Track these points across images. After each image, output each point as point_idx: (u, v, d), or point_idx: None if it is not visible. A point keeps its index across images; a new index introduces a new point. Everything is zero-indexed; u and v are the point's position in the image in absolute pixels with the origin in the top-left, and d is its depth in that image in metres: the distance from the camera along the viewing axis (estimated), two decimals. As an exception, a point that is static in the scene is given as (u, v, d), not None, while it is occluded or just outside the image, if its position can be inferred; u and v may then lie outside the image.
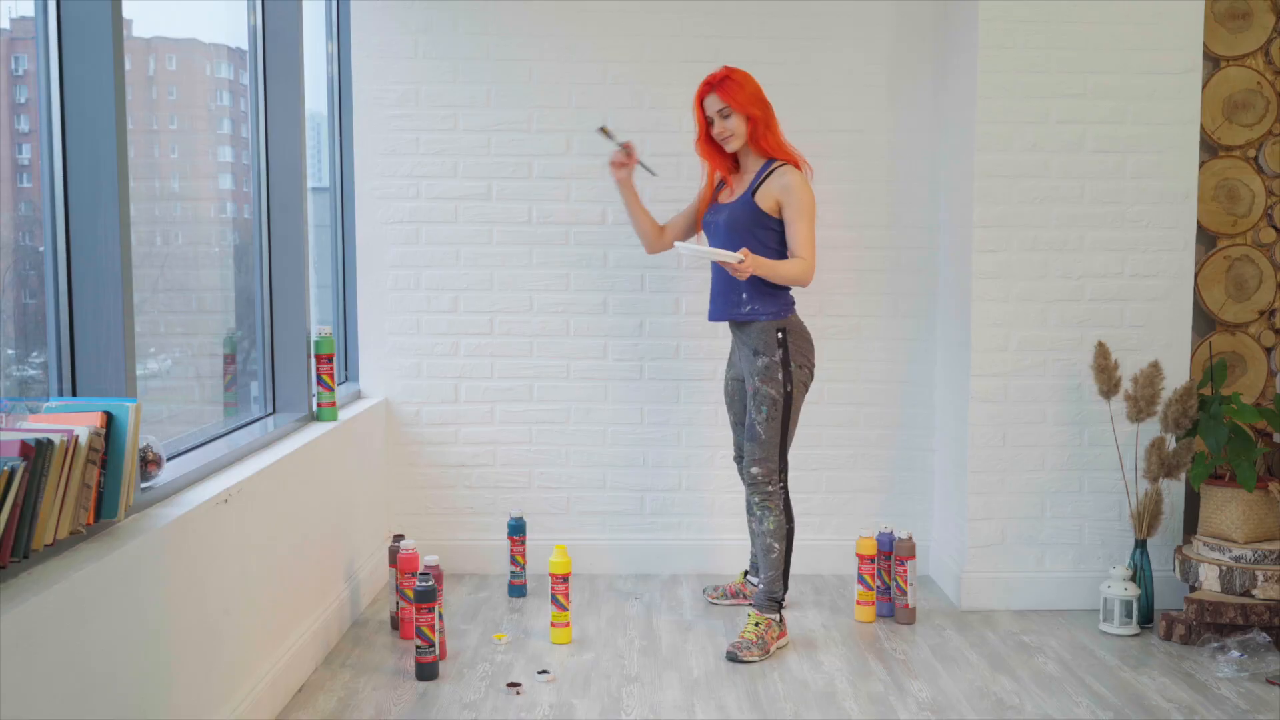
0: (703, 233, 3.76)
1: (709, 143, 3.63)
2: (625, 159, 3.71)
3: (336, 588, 3.60)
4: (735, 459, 3.86)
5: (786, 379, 3.50)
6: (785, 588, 3.54)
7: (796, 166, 3.54)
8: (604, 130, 3.73)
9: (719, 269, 3.59)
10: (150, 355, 3.03)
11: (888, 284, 4.27)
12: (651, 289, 4.26)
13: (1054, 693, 3.18)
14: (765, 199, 3.51)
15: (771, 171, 3.52)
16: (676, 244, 3.49)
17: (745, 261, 3.36)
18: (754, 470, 3.52)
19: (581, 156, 4.22)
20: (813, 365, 3.60)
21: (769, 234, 3.52)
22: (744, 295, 3.53)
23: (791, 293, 3.60)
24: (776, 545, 3.50)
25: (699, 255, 3.48)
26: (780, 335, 3.52)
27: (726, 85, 3.52)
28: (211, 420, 3.40)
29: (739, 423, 3.77)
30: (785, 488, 3.54)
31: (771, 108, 3.57)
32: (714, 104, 3.54)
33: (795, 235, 3.49)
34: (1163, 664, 3.42)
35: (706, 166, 3.72)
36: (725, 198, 3.66)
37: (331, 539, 3.56)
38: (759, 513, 3.52)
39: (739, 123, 3.53)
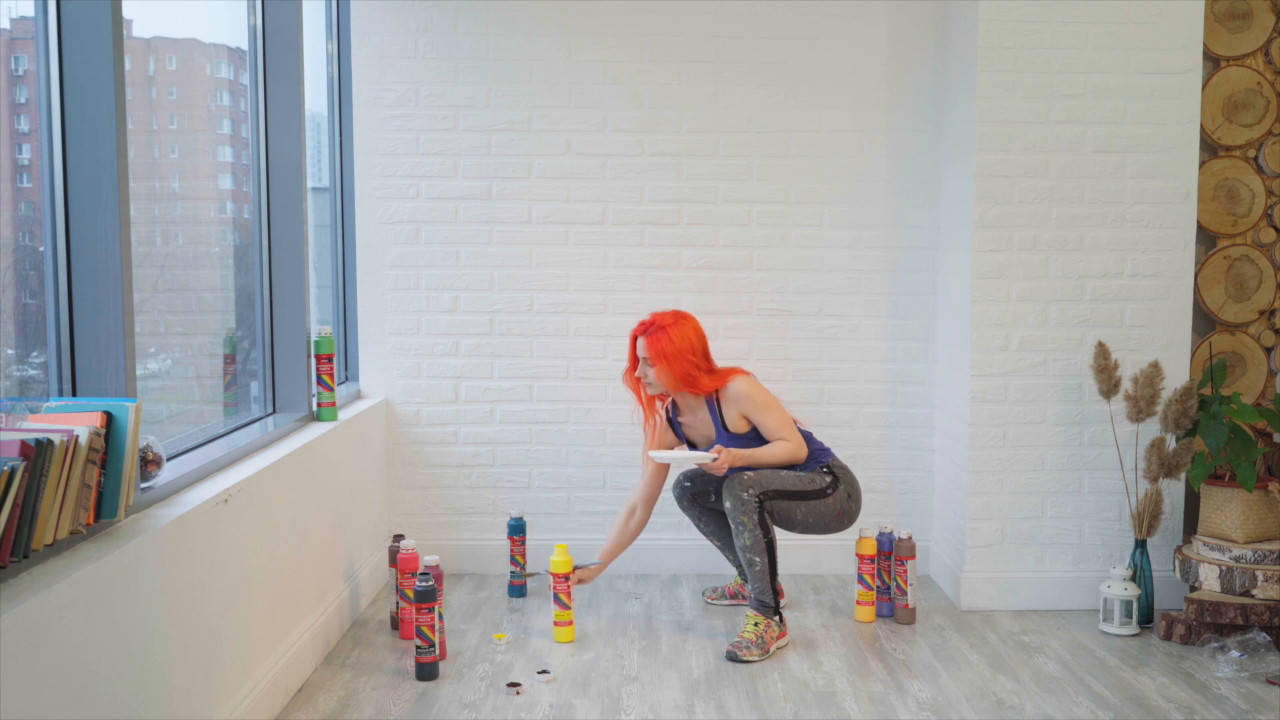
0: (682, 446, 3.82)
1: (635, 377, 3.71)
2: (583, 576, 3.70)
3: (336, 588, 3.60)
4: (679, 489, 3.86)
5: (830, 485, 3.59)
6: (776, 592, 3.53)
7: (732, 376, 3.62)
8: (531, 575, 3.99)
9: None
10: (150, 355, 3.03)
11: (888, 284, 4.27)
12: (651, 289, 4.26)
13: (1054, 693, 3.18)
14: (736, 423, 3.62)
15: (720, 402, 3.63)
16: (650, 453, 3.60)
17: (720, 459, 3.46)
18: (746, 474, 3.50)
19: (581, 156, 4.22)
20: (859, 503, 3.66)
21: (760, 442, 3.62)
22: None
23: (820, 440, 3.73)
24: (758, 559, 3.49)
25: (674, 460, 3.57)
26: (827, 468, 3.62)
27: (654, 336, 3.58)
28: (211, 420, 3.40)
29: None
30: (760, 503, 3.49)
31: (704, 353, 3.63)
32: (641, 348, 3.63)
33: (768, 428, 3.60)
34: (1163, 664, 3.42)
35: (641, 411, 3.81)
36: (696, 436, 3.74)
37: (331, 539, 3.56)
38: (735, 527, 3.50)
39: (656, 375, 3.61)
